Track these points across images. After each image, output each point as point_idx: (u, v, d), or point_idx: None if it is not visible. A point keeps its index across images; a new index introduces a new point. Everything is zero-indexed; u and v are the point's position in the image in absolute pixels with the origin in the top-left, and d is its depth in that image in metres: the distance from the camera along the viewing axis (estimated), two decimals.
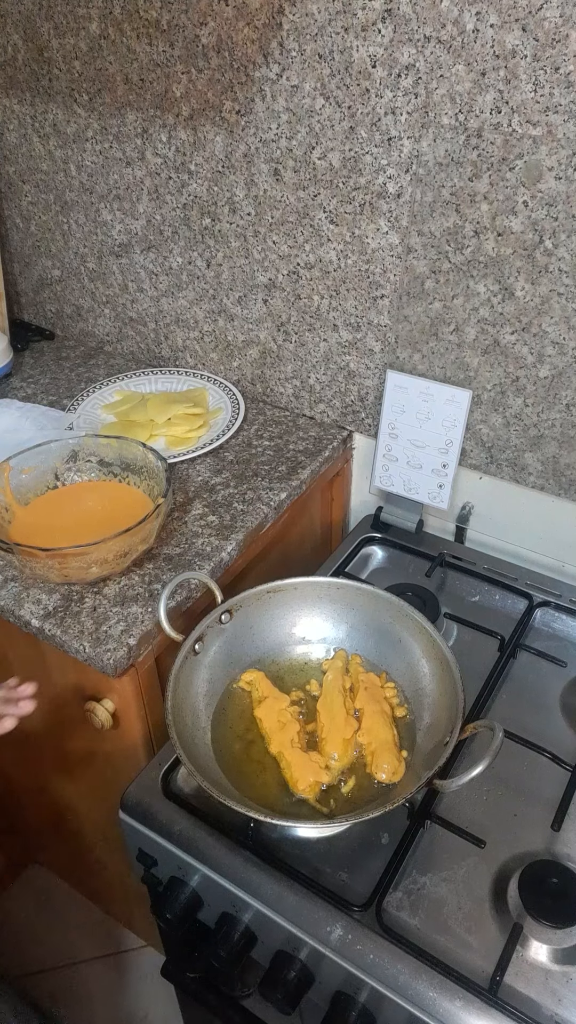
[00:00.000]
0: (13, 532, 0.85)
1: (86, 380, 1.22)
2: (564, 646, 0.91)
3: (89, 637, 0.78)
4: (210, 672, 0.80)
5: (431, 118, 0.81)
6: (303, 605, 0.85)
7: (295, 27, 0.84)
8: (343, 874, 0.70)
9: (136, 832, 0.75)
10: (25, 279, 1.34)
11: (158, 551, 0.89)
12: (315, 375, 1.08)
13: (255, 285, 1.06)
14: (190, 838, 0.72)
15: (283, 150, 0.93)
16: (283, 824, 0.71)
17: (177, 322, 1.18)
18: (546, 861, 0.68)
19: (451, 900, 0.68)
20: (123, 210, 1.12)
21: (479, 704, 0.82)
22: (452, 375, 0.95)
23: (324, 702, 0.77)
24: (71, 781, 1.06)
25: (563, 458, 0.93)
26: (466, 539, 1.07)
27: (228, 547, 0.90)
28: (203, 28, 0.90)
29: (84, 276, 1.25)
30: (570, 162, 0.76)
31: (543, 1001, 0.61)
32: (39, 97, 1.10)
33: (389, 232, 0.90)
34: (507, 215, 0.81)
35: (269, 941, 0.70)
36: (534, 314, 0.85)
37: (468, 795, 0.75)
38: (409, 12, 0.77)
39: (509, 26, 0.72)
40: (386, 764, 0.72)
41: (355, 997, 0.65)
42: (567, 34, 0.70)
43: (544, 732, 0.80)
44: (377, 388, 1.03)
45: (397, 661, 0.81)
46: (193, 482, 1.00)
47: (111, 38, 0.97)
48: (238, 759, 0.75)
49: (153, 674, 0.85)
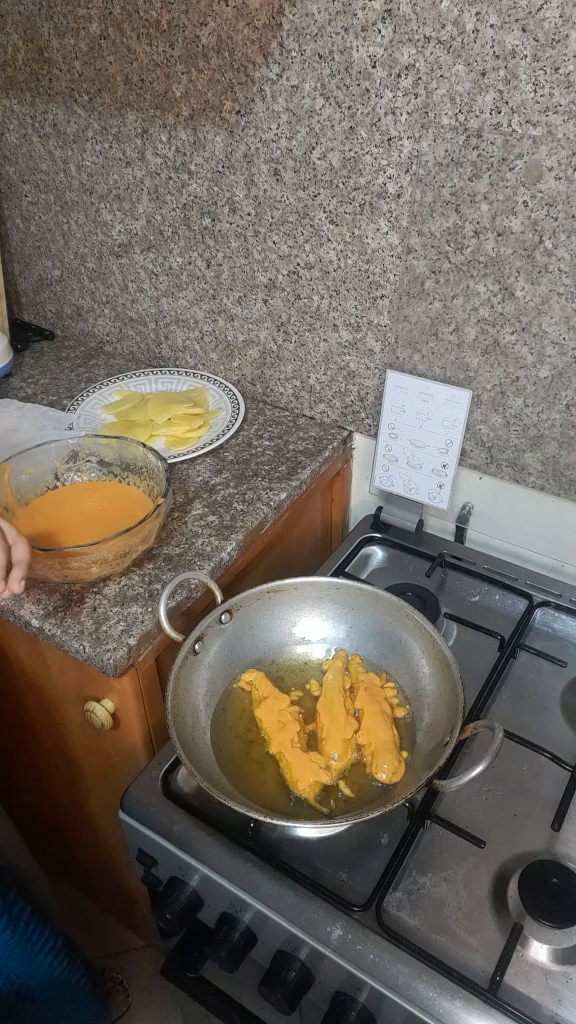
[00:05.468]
0: None
1: (86, 380, 1.22)
2: (564, 646, 0.91)
3: (89, 637, 0.78)
4: (210, 672, 0.80)
5: (431, 118, 0.81)
6: (303, 605, 0.85)
7: (295, 27, 0.84)
8: (343, 874, 0.70)
9: (136, 832, 0.75)
10: (25, 279, 1.34)
11: (158, 551, 0.89)
12: (315, 375, 1.08)
13: (255, 285, 1.06)
14: (190, 838, 0.72)
15: (283, 150, 0.93)
16: (283, 824, 0.71)
17: (177, 322, 1.18)
18: (546, 861, 0.68)
19: (451, 900, 0.68)
20: (123, 210, 1.12)
21: (479, 704, 0.82)
22: (452, 375, 0.95)
23: (324, 702, 0.77)
24: (71, 781, 1.06)
25: (563, 458, 0.93)
26: (466, 539, 1.07)
27: (228, 547, 0.90)
28: (203, 28, 0.90)
29: (84, 276, 1.25)
30: (570, 162, 0.76)
31: (543, 1001, 0.61)
32: (39, 97, 1.10)
33: (389, 232, 0.90)
34: (507, 215, 0.81)
35: (269, 941, 0.70)
36: (534, 314, 0.85)
37: (468, 795, 0.75)
38: (409, 12, 0.77)
39: (509, 26, 0.72)
40: (386, 764, 0.72)
41: (355, 997, 0.65)
42: (567, 34, 0.70)
43: (544, 732, 0.80)
44: (377, 388, 1.03)
45: (397, 661, 0.81)
46: (193, 482, 1.00)
47: (111, 38, 0.97)
48: (238, 759, 0.75)
49: (153, 674, 0.85)
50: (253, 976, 0.70)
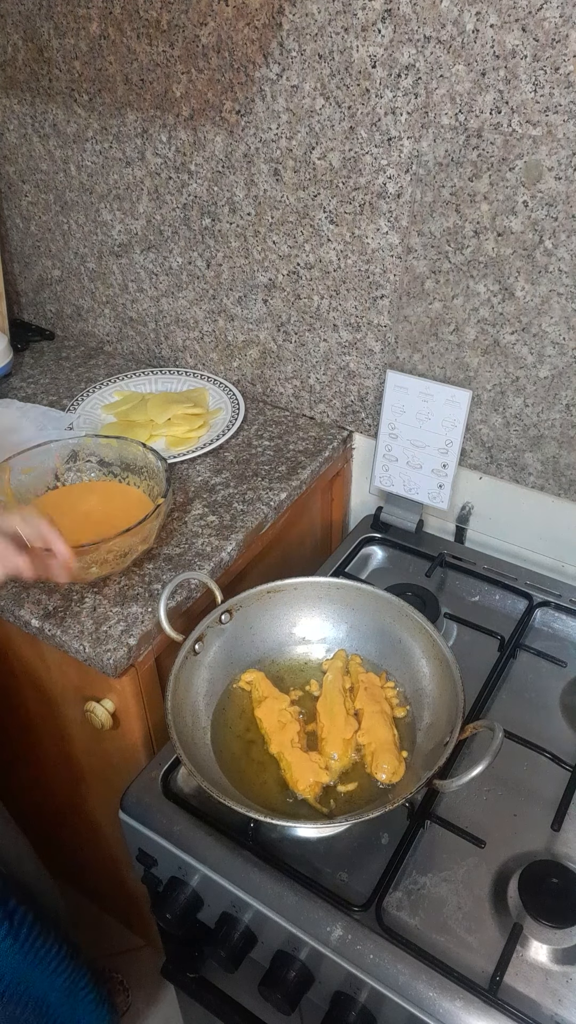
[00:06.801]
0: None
1: (86, 380, 1.22)
2: (564, 646, 0.91)
3: (89, 637, 0.78)
4: (210, 672, 0.80)
5: (431, 118, 0.81)
6: (303, 605, 0.85)
7: (295, 27, 0.84)
8: (343, 874, 0.70)
9: (136, 832, 0.75)
10: (25, 279, 1.34)
11: (158, 551, 0.89)
12: (315, 375, 1.08)
13: (255, 285, 1.06)
14: (190, 838, 0.72)
15: (283, 150, 0.93)
16: (283, 824, 0.71)
17: (177, 322, 1.18)
18: (546, 861, 0.68)
19: (451, 900, 0.68)
20: (123, 210, 1.12)
21: (479, 704, 0.82)
22: (452, 375, 0.95)
23: (324, 702, 0.77)
24: (71, 781, 1.06)
25: (563, 458, 0.93)
26: (466, 539, 1.07)
27: (228, 547, 0.90)
28: (203, 28, 0.90)
29: (84, 276, 1.25)
30: (570, 162, 0.76)
31: (543, 1001, 0.61)
32: (39, 97, 1.10)
33: (389, 232, 0.90)
34: (507, 215, 0.81)
35: (269, 941, 0.70)
36: (534, 314, 0.85)
37: (468, 795, 0.75)
38: (409, 12, 0.77)
39: (509, 26, 0.72)
40: (386, 764, 0.72)
41: (355, 997, 0.65)
42: (567, 34, 0.70)
43: (544, 732, 0.80)
44: (377, 388, 1.03)
45: (397, 661, 0.81)
46: (193, 482, 1.00)
47: (111, 38, 0.97)
48: (238, 759, 0.75)
49: (153, 674, 0.85)
50: (253, 976, 0.69)
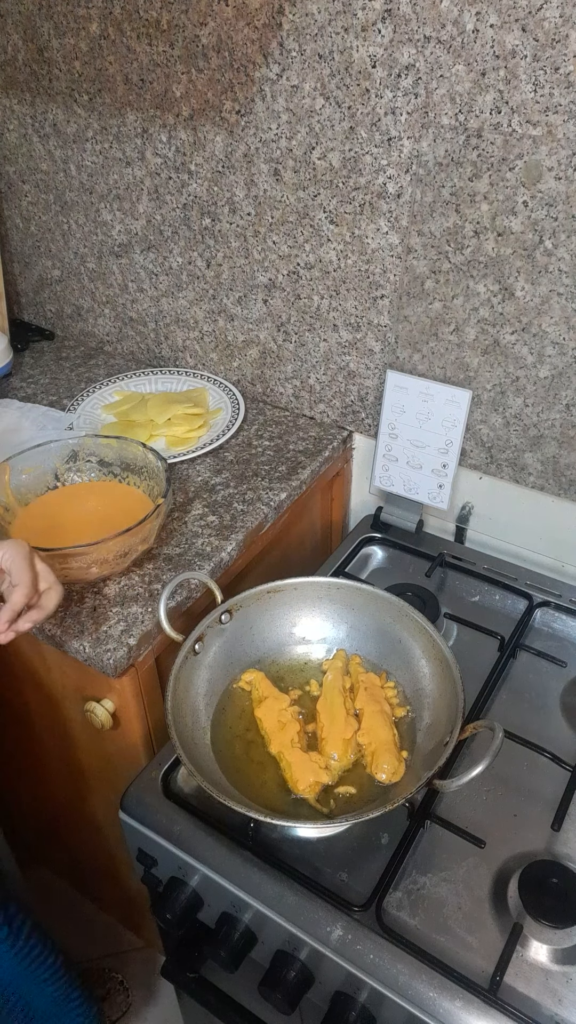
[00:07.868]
0: (14, 532, 0.85)
1: (86, 380, 1.22)
2: (564, 646, 0.91)
3: (89, 637, 0.78)
4: (210, 672, 0.80)
5: (431, 118, 0.81)
6: (303, 605, 0.85)
7: (295, 27, 0.84)
8: (343, 874, 0.70)
9: (136, 832, 0.75)
10: (25, 279, 1.34)
11: (158, 551, 0.89)
12: (315, 375, 1.08)
13: (255, 285, 1.06)
14: (190, 838, 0.72)
15: (283, 150, 0.93)
16: (283, 824, 0.71)
17: (177, 322, 1.18)
18: (546, 861, 0.68)
19: (451, 900, 0.68)
20: (123, 210, 1.12)
21: (479, 704, 0.82)
22: (452, 375, 0.95)
23: (324, 702, 0.77)
24: (71, 781, 1.06)
25: (563, 458, 0.93)
26: (466, 539, 1.07)
27: (228, 547, 0.90)
28: (203, 28, 0.90)
29: (84, 276, 1.25)
30: (570, 162, 0.76)
31: (543, 1001, 0.61)
32: (39, 97, 1.10)
33: (389, 232, 0.90)
34: (507, 215, 0.81)
35: (269, 941, 0.70)
36: (534, 314, 0.85)
37: (468, 795, 0.75)
38: (409, 12, 0.77)
39: (509, 26, 0.72)
40: (386, 764, 0.72)
41: (355, 997, 0.65)
42: (567, 34, 0.70)
43: (544, 732, 0.80)
44: (377, 388, 1.03)
45: (397, 661, 0.81)
46: (193, 482, 1.00)
47: (111, 38, 0.97)
48: (238, 759, 0.75)
49: (153, 674, 0.85)
50: (253, 976, 0.69)
